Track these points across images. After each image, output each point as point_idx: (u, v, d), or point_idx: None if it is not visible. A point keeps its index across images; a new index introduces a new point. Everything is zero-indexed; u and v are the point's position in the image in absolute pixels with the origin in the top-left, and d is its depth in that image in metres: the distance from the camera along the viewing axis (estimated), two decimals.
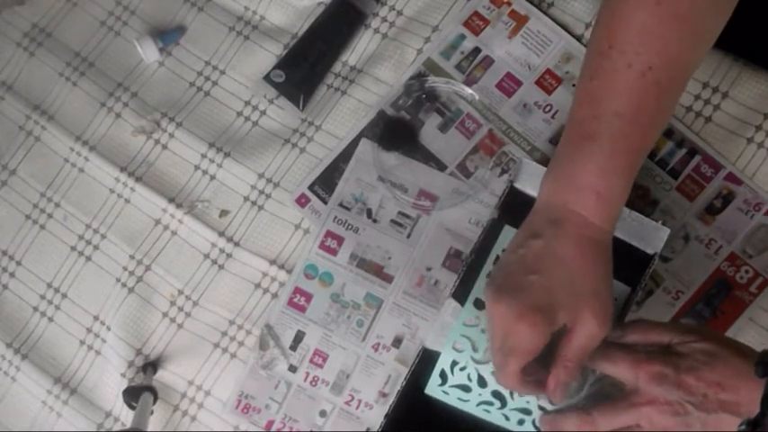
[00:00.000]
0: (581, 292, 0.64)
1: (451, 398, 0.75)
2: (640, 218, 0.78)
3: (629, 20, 0.64)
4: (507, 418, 0.74)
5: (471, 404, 0.74)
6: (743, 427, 0.59)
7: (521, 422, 0.74)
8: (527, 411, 0.74)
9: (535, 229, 0.67)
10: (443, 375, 0.75)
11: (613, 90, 0.64)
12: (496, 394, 0.75)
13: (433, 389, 0.75)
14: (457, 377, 0.75)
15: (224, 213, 0.93)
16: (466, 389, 0.75)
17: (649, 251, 0.78)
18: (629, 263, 0.77)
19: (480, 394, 0.74)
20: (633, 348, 0.68)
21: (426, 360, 0.76)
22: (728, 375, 0.64)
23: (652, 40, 0.63)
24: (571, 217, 0.65)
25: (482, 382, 0.75)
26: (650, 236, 0.78)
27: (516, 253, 0.67)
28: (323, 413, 0.86)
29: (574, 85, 0.88)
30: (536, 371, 0.66)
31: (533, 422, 0.74)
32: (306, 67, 0.95)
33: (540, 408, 0.74)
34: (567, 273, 0.64)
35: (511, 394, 0.74)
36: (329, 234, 0.88)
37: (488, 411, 0.74)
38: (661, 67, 0.63)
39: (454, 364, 0.76)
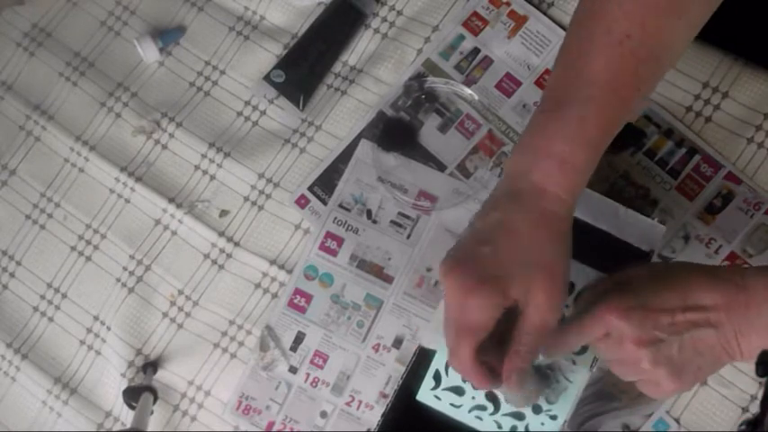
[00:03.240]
0: (534, 265, 0.61)
1: (443, 403, 0.74)
2: (636, 216, 0.77)
3: None
4: (500, 426, 0.73)
5: (463, 410, 0.73)
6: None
7: (513, 429, 0.73)
8: (520, 416, 0.73)
9: (495, 200, 0.65)
10: (437, 377, 0.75)
11: (590, 57, 0.63)
12: (490, 397, 0.74)
13: (425, 394, 0.74)
14: (451, 378, 0.74)
15: (224, 213, 0.93)
16: (459, 391, 0.74)
17: (646, 249, 0.77)
18: (625, 261, 0.76)
19: (474, 397, 0.74)
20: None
21: (422, 359, 0.76)
22: (689, 292, 0.64)
23: (632, 9, 0.62)
24: (531, 188, 0.63)
25: None
26: (646, 234, 0.77)
27: (472, 226, 0.65)
28: (323, 414, 0.86)
29: None
30: (491, 352, 0.64)
31: (526, 427, 0.73)
32: (306, 67, 0.95)
33: (534, 411, 0.73)
34: (521, 245, 0.62)
35: (505, 396, 0.73)
36: (329, 235, 0.88)
37: (480, 419, 0.73)
38: (639, 39, 0.62)
39: None
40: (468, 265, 0.62)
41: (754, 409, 0.80)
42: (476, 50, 0.91)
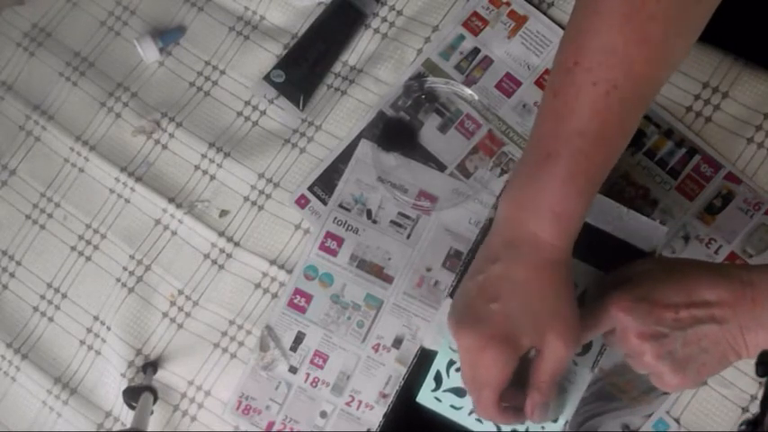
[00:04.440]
0: (541, 314, 0.63)
1: (444, 405, 0.74)
2: (637, 216, 0.77)
3: (596, 37, 0.62)
4: (499, 428, 0.73)
5: (464, 412, 0.73)
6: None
7: (513, 431, 0.73)
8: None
9: (492, 252, 0.66)
10: (438, 378, 0.75)
11: (576, 108, 0.63)
12: None
13: (425, 395, 0.74)
14: (453, 379, 0.74)
15: (224, 213, 0.93)
16: (460, 393, 0.74)
17: (647, 250, 0.77)
18: (626, 262, 0.76)
19: None
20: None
21: (423, 360, 0.76)
22: (693, 288, 0.64)
23: (618, 59, 0.61)
24: (528, 238, 0.64)
25: None
26: (648, 234, 0.77)
27: (475, 279, 0.66)
28: (323, 414, 0.86)
29: None
30: (513, 396, 0.66)
31: (527, 428, 0.73)
32: (306, 67, 0.95)
33: None
34: (526, 297, 0.63)
35: None
36: (329, 235, 0.88)
37: (480, 421, 0.73)
38: (626, 87, 0.62)
39: (450, 363, 0.75)
40: (478, 324, 0.63)
41: (754, 409, 0.80)
42: (476, 50, 0.91)
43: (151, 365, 0.90)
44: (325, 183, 0.91)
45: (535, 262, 0.64)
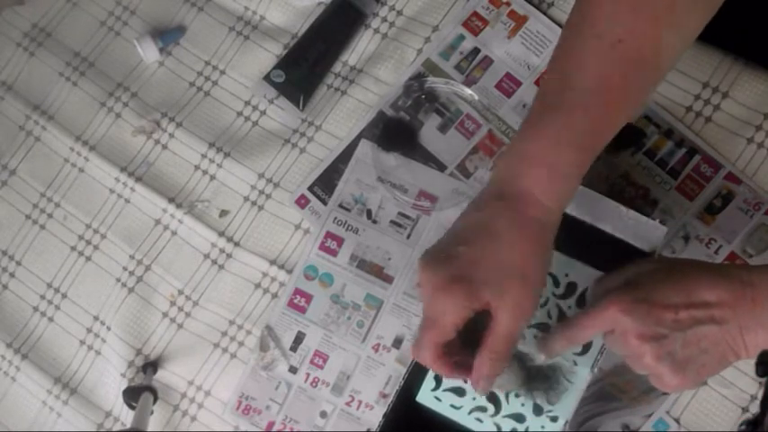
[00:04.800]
0: (509, 271, 0.61)
1: (444, 405, 0.74)
2: (637, 216, 0.77)
3: None
4: (499, 427, 0.73)
5: (464, 412, 0.73)
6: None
7: (513, 430, 0.72)
8: (520, 418, 0.73)
9: (479, 202, 0.65)
10: (438, 377, 0.75)
11: (581, 62, 0.63)
12: (491, 398, 0.74)
13: (425, 395, 0.74)
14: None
15: (224, 213, 0.93)
16: (460, 392, 0.74)
17: (647, 249, 0.77)
18: (626, 262, 0.76)
19: (474, 398, 0.74)
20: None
21: None
22: (693, 288, 0.64)
23: (624, 14, 0.62)
24: (516, 193, 0.63)
25: None
26: (648, 234, 0.77)
27: (455, 223, 0.65)
28: (323, 414, 0.86)
29: None
30: (460, 352, 0.64)
31: (527, 428, 0.73)
32: (306, 67, 0.95)
33: (535, 413, 0.73)
34: (498, 249, 0.62)
35: (506, 397, 0.73)
36: (329, 235, 0.88)
37: (480, 420, 0.73)
38: (631, 43, 0.62)
39: None
40: (443, 263, 0.62)
41: (754, 409, 0.80)
42: (476, 50, 0.91)
43: (151, 365, 0.90)
44: (325, 183, 0.91)
45: (518, 217, 0.62)
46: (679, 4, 0.63)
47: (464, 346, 0.64)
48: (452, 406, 0.74)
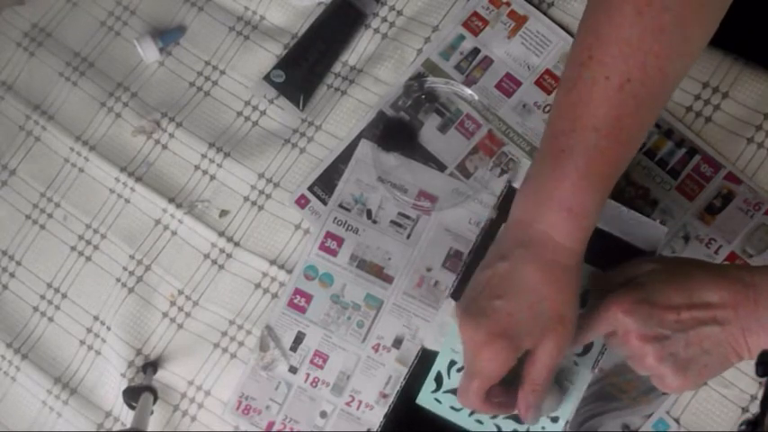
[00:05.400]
0: (545, 317, 0.63)
1: (444, 407, 0.74)
2: (638, 216, 0.77)
3: (610, 30, 0.62)
4: (500, 429, 0.73)
5: (464, 413, 0.73)
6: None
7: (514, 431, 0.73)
8: (521, 420, 0.73)
9: (503, 250, 0.66)
10: (439, 379, 0.75)
11: (590, 102, 0.62)
12: None
13: (425, 396, 0.74)
14: (453, 380, 0.74)
15: (224, 213, 0.93)
16: None
17: (647, 250, 0.77)
18: (626, 262, 0.76)
19: None
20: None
21: (424, 361, 0.76)
22: (695, 289, 0.64)
23: (632, 51, 0.61)
24: (539, 237, 0.64)
25: None
26: (648, 234, 0.77)
27: (484, 273, 0.66)
28: (323, 414, 0.86)
29: None
30: (501, 393, 0.66)
31: (527, 429, 0.73)
32: (306, 67, 0.95)
33: None
34: (532, 298, 0.63)
35: None
36: (329, 235, 0.88)
37: (481, 422, 0.73)
38: (640, 81, 0.61)
39: (452, 364, 0.75)
40: (482, 319, 0.64)
41: (754, 409, 0.80)
42: (476, 50, 0.91)
43: (151, 365, 0.90)
44: (325, 183, 0.91)
45: (544, 263, 0.63)
46: (687, 34, 0.63)
47: (501, 382, 0.66)
48: (453, 408, 0.74)
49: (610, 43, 0.62)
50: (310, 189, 0.91)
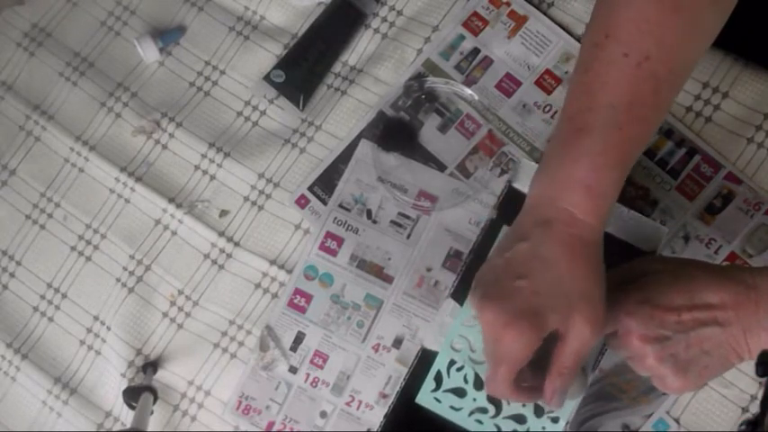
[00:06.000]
0: (571, 294, 0.61)
1: (443, 406, 0.74)
2: (638, 217, 0.78)
3: (627, 9, 0.62)
4: (500, 429, 0.73)
5: (464, 413, 0.73)
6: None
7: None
8: (521, 419, 0.72)
9: (523, 231, 0.65)
10: (439, 378, 0.75)
11: (608, 81, 0.62)
12: (492, 399, 0.74)
13: (425, 396, 0.74)
14: (453, 379, 0.74)
15: (224, 213, 0.93)
16: (461, 393, 0.74)
17: (647, 249, 0.77)
18: (627, 262, 0.76)
19: (475, 399, 0.73)
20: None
21: (424, 361, 0.76)
22: (696, 290, 0.64)
23: (649, 29, 0.61)
24: (559, 215, 0.63)
25: (478, 384, 0.74)
26: (648, 235, 0.77)
27: (503, 257, 0.65)
28: (323, 414, 0.86)
29: None
30: (530, 377, 0.65)
31: (528, 429, 0.72)
32: (306, 67, 0.95)
33: (536, 414, 0.73)
34: (556, 275, 0.62)
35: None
36: (329, 235, 0.88)
37: (480, 422, 0.73)
38: (658, 58, 0.61)
39: (451, 363, 0.75)
40: (504, 300, 0.62)
41: (754, 409, 0.80)
42: (476, 50, 0.91)
43: (151, 365, 0.90)
44: (325, 183, 0.91)
45: (567, 240, 0.62)
46: (703, 14, 0.63)
47: (528, 367, 0.64)
48: (452, 407, 0.74)
49: (627, 21, 0.62)
50: (310, 189, 0.91)
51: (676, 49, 0.62)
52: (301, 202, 0.91)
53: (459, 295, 0.78)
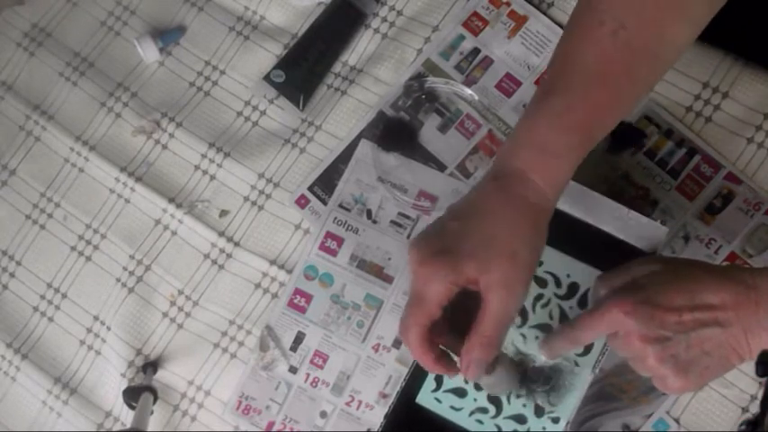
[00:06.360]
0: (497, 247, 0.60)
1: (444, 406, 0.74)
2: (639, 217, 0.77)
3: None
4: (500, 429, 0.73)
5: (464, 413, 0.73)
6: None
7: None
8: (522, 419, 0.73)
9: (477, 185, 0.65)
10: (439, 378, 0.75)
11: (582, 46, 0.63)
12: (493, 399, 0.74)
13: (425, 396, 0.74)
14: (454, 379, 0.74)
15: (224, 213, 0.93)
16: (461, 393, 0.74)
17: (647, 249, 0.77)
18: (627, 262, 0.76)
19: (476, 399, 0.73)
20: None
21: None
22: (697, 291, 0.64)
23: (629, 2, 0.62)
24: (511, 173, 0.62)
25: (479, 385, 0.74)
26: (648, 235, 0.77)
27: (450, 205, 0.65)
28: (323, 414, 0.86)
29: None
30: (447, 338, 0.63)
31: (528, 429, 0.72)
32: (306, 67, 0.95)
33: (537, 414, 0.73)
34: (487, 224, 0.61)
35: (508, 398, 0.73)
36: (329, 235, 0.88)
37: (481, 422, 0.73)
38: (634, 30, 0.62)
39: None
40: (430, 238, 0.62)
41: (754, 409, 0.80)
42: (476, 50, 0.91)
43: (151, 365, 0.90)
44: (326, 183, 0.91)
45: (511, 196, 0.62)
46: None
47: (454, 335, 0.63)
48: (452, 407, 0.74)
49: None
50: (310, 189, 0.91)
51: (655, 24, 0.62)
52: (301, 202, 0.91)
53: None
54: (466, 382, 0.74)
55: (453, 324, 0.63)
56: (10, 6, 1.03)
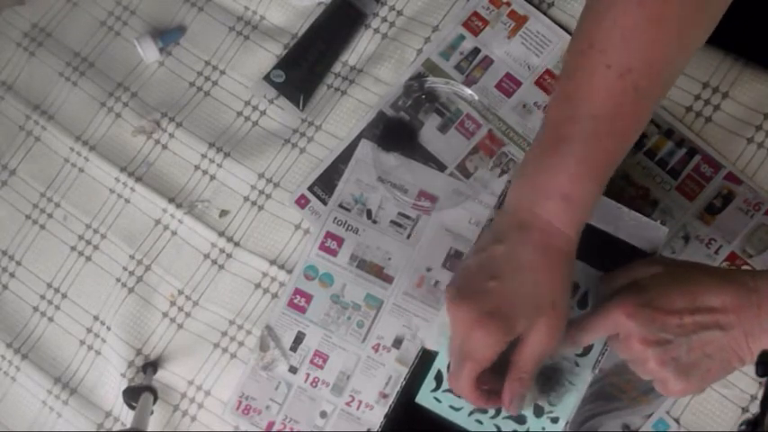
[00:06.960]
0: (540, 301, 0.62)
1: (443, 406, 0.74)
2: (639, 217, 0.77)
3: (612, 20, 0.62)
4: (499, 429, 0.73)
5: (463, 413, 0.73)
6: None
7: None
8: (521, 419, 0.72)
9: (499, 233, 0.65)
10: (439, 378, 0.75)
11: (590, 91, 0.63)
12: None
13: (425, 396, 0.74)
14: None
15: (224, 213, 0.93)
16: None
17: (647, 249, 0.77)
18: (627, 262, 0.76)
19: None
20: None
21: (425, 360, 0.76)
22: (698, 293, 0.64)
23: (633, 42, 0.61)
24: (536, 222, 0.64)
25: None
26: (649, 235, 0.77)
27: (478, 256, 0.65)
28: (323, 414, 0.86)
29: None
30: (491, 381, 0.66)
31: (528, 429, 0.72)
32: (306, 67, 0.95)
33: (536, 414, 0.73)
34: (528, 280, 0.63)
35: None
36: (329, 235, 0.88)
37: (480, 422, 0.73)
38: (640, 71, 0.61)
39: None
40: (475, 299, 0.63)
41: (754, 409, 0.80)
42: (476, 50, 0.91)
43: (151, 365, 0.90)
44: (325, 183, 0.91)
45: (542, 247, 0.63)
46: (687, 27, 0.63)
47: (488, 371, 0.65)
48: (452, 407, 0.74)
49: (611, 32, 0.62)
50: (310, 189, 0.91)
51: (660, 63, 0.62)
52: (301, 202, 0.91)
53: None
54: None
55: None
56: (10, 6, 1.03)
